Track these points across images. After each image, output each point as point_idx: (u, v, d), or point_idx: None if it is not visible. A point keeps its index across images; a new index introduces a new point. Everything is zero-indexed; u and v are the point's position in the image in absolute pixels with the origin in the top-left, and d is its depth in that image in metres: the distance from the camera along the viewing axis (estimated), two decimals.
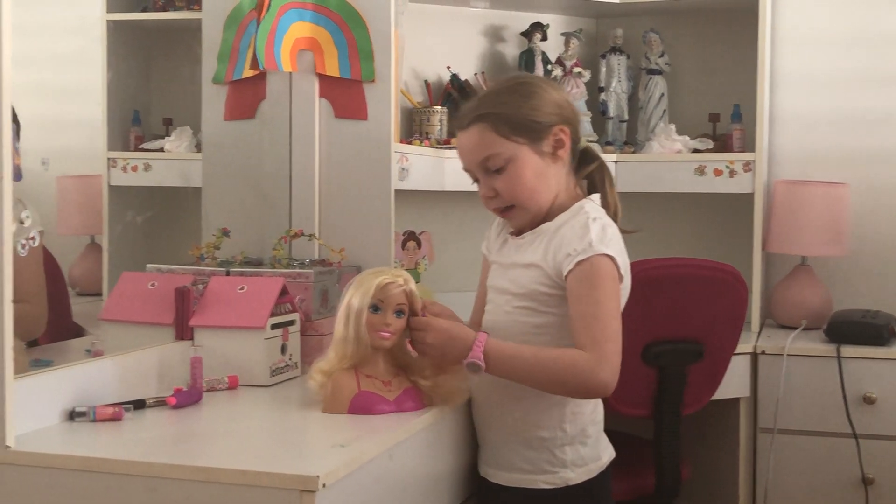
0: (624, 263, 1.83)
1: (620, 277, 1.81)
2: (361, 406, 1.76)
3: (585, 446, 1.89)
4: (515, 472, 1.88)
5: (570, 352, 1.76)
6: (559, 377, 1.76)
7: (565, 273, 1.79)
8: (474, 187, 2.90)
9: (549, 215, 1.88)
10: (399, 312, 1.81)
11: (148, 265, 2.23)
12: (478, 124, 1.85)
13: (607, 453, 1.95)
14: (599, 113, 3.18)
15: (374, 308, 1.79)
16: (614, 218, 1.90)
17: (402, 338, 1.84)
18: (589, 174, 1.94)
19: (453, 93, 3.02)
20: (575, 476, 1.87)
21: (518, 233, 1.93)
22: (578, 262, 1.77)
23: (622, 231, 1.87)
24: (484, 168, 1.87)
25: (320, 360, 1.82)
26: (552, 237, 1.84)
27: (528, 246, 1.88)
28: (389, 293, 1.79)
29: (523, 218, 1.90)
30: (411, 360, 1.86)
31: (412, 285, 1.83)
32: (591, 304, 1.76)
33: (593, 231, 1.78)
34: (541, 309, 1.84)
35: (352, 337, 1.78)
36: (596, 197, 1.91)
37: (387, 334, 1.79)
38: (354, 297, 1.78)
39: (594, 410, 1.92)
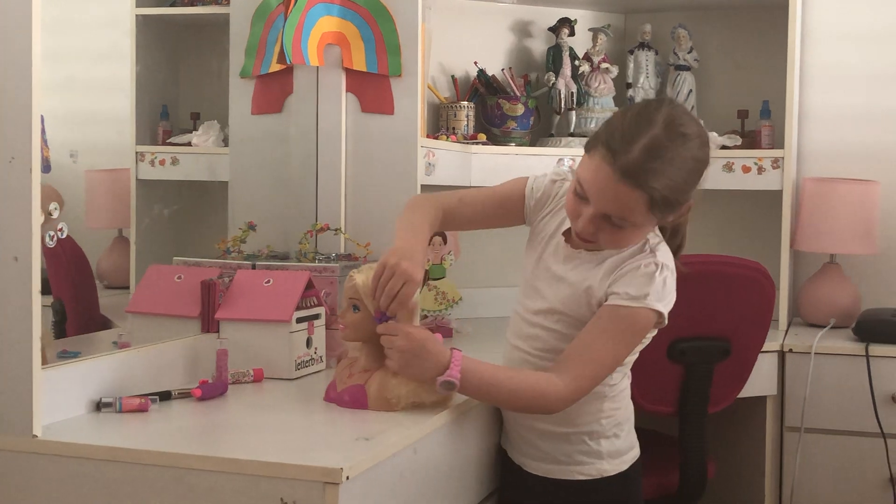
0: (669, 312, 1.79)
1: (658, 325, 1.80)
2: (327, 391, 1.85)
3: (619, 438, 1.91)
4: (552, 464, 1.90)
5: (545, 381, 1.76)
6: (523, 402, 1.79)
7: (607, 302, 1.77)
8: (500, 181, 2.88)
9: None
10: (355, 307, 1.79)
11: (175, 258, 2.25)
12: (639, 192, 1.67)
13: (637, 444, 1.96)
14: None
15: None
16: (677, 249, 1.87)
17: (368, 333, 1.79)
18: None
19: (480, 88, 3.02)
20: (611, 467, 1.89)
21: (571, 241, 1.86)
22: (625, 306, 1.75)
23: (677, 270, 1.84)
24: (605, 216, 1.72)
25: None
26: (614, 268, 1.78)
27: (582, 265, 1.82)
28: (347, 287, 1.81)
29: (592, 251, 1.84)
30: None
31: (358, 280, 1.78)
32: (604, 344, 1.77)
33: (656, 283, 1.75)
34: (580, 327, 1.82)
35: None
36: (657, 231, 1.84)
37: (339, 327, 1.84)
38: None
39: (628, 405, 1.94)
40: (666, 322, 1.80)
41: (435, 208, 1.91)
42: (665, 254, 1.81)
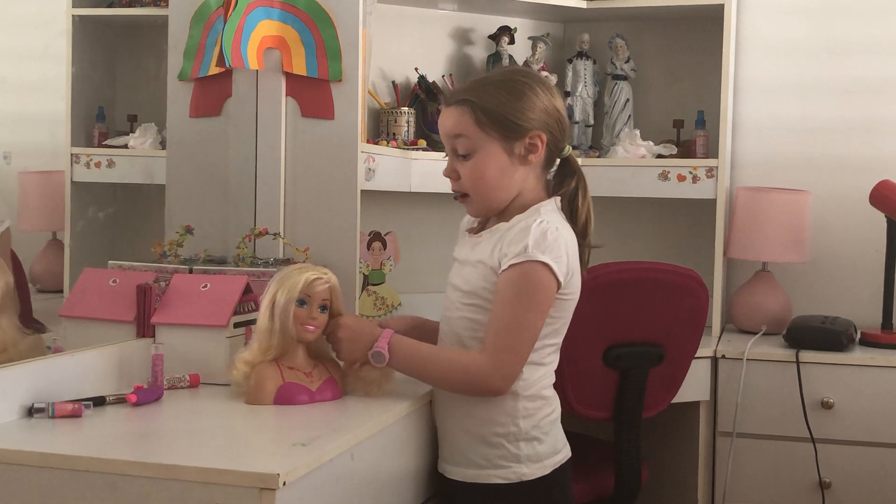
0: (565, 269, 1.83)
1: (558, 284, 1.83)
2: (285, 397, 1.84)
3: (541, 443, 1.91)
4: (471, 468, 1.91)
5: (466, 356, 1.85)
6: (451, 378, 1.86)
7: (500, 272, 1.83)
8: (441, 188, 2.91)
9: (506, 215, 1.92)
10: (323, 308, 1.90)
11: (110, 262, 2.22)
12: (460, 107, 1.91)
13: (564, 450, 1.97)
14: None
15: (301, 302, 1.87)
16: (584, 231, 1.92)
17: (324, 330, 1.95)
18: (564, 184, 1.95)
19: (420, 94, 3.02)
20: (530, 472, 1.90)
21: (476, 230, 1.99)
22: (512, 265, 1.81)
23: (592, 247, 1.93)
24: (452, 148, 1.93)
25: (244, 351, 1.88)
26: (502, 237, 1.87)
27: (481, 244, 1.92)
28: (316, 289, 1.88)
29: (477, 209, 1.96)
30: (329, 352, 1.96)
31: (336, 282, 1.93)
32: (508, 312, 1.82)
33: (532, 236, 1.81)
34: (486, 306, 1.87)
35: (277, 329, 1.86)
36: (556, 200, 1.92)
37: (312, 328, 1.88)
38: (281, 292, 1.86)
39: (551, 407, 1.94)
40: (563, 281, 1.83)
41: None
42: (552, 216, 1.87)
